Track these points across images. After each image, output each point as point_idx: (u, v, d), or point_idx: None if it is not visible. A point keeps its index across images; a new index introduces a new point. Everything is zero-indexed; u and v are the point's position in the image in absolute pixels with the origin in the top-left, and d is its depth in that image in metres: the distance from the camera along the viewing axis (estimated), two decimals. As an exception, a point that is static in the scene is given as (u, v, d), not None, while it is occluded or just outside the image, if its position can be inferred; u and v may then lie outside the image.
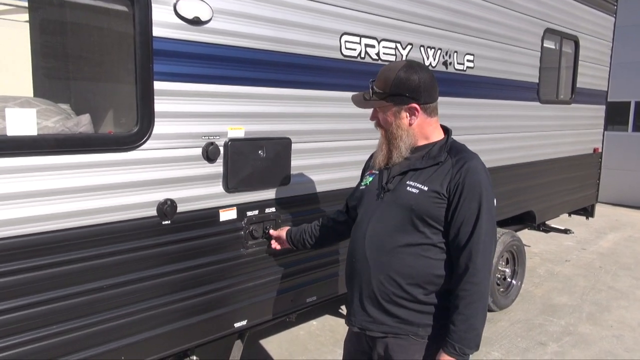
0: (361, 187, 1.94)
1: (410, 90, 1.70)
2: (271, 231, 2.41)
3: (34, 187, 1.70)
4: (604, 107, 5.62)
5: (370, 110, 1.86)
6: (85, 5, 2.41)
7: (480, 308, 1.65)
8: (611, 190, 9.19)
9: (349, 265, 1.88)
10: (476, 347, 1.66)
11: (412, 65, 1.74)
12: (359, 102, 1.83)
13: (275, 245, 2.39)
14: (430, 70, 1.79)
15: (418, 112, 1.73)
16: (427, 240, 1.70)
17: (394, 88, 1.70)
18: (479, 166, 1.71)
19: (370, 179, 1.89)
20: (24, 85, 2.77)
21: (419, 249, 1.70)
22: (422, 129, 1.76)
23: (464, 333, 1.63)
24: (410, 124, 1.74)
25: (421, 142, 1.78)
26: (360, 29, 2.71)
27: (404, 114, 1.73)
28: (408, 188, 1.71)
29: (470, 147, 1.82)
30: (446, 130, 1.83)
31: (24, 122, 1.69)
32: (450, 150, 1.75)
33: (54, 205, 1.75)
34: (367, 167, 2.02)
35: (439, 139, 1.79)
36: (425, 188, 1.69)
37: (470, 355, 1.67)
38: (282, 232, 2.35)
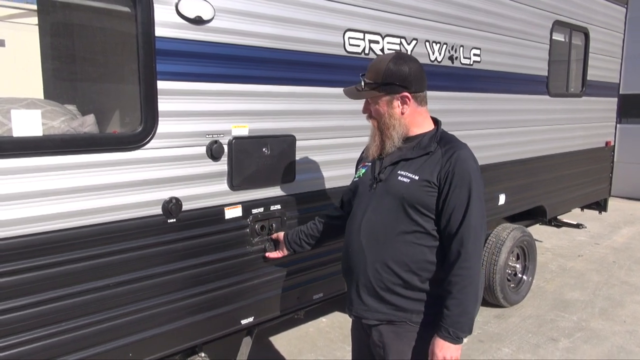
0: (354, 179, 1.99)
1: (401, 79, 1.75)
2: (273, 235, 2.42)
3: (41, 187, 1.72)
4: (616, 99, 5.54)
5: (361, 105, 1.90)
6: (90, 7, 2.44)
7: (473, 292, 1.70)
8: (626, 184, 9.04)
9: (345, 256, 1.94)
10: (469, 331, 1.71)
11: (402, 56, 1.80)
12: (351, 94, 1.87)
13: (273, 254, 2.40)
14: (418, 60, 1.83)
15: (409, 100, 1.78)
16: (419, 228, 1.75)
17: (386, 78, 1.75)
18: (468, 155, 1.76)
19: (363, 170, 1.94)
20: (35, 87, 2.82)
21: (412, 237, 1.76)
22: (413, 118, 1.81)
23: (457, 317, 1.68)
24: (402, 113, 1.79)
25: (412, 132, 1.82)
26: (364, 25, 2.70)
27: (396, 103, 1.78)
28: (399, 178, 1.76)
29: (479, 142, 1.86)
30: (436, 121, 1.88)
31: (29, 123, 1.71)
32: (440, 140, 1.80)
33: (60, 204, 1.77)
34: (361, 160, 2.06)
35: (429, 129, 1.84)
36: (417, 177, 1.74)
37: (465, 339, 1.72)
38: (280, 235, 2.36)
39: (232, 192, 2.26)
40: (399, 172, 1.77)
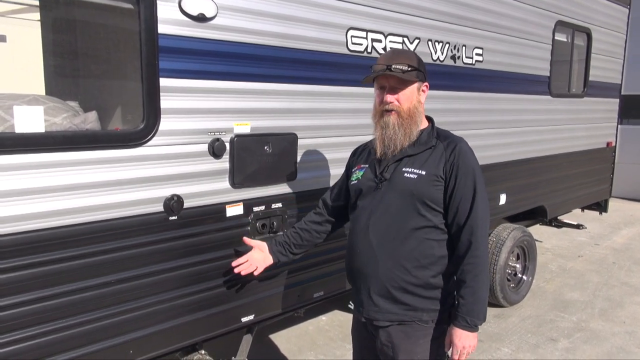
0: (352, 183, 1.96)
1: (424, 69, 1.83)
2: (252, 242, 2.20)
3: (43, 184, 1.72)
4: (617, 100, 5.53)
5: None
6: (93, 3, 2.43)
7: (485, 279, 1.75)
8: (627, 184, 9.03)
9: (351, 258, 1.92)
10: (484, 318, 1.75)
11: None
12: (399, 75, 1.75)
13: (258, 269, 2.16)
14: None
15: (427, 89, 1.85)
16: (428, 222, 1.78)
17: (419, 64, 1.80)
18: (468, 148, 1.82)
19: (362, 172, 1.93)
20: (37, 83, 2.82)
21: (422, 232, 1.78)
22: (423, 110, 1.87)
23: (472, 305, 1.72)
24: (422, 102, 1.85)
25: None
26: (367, 24, 2.70)
27: (421, 91, 1.84)
28: (406, 174, 1.78)
29: (481, 142, 1.89)
30: (429, 119, 1.92)
31: (32, 120, 1.71)
32: (439, 135, 1.85)
33: (62, 201, 1.77)
34: (353, 164, 2.04)
35: (425, 125, 1.88)
36: (424, 172, 1.76)
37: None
38: (263, 246, 2.17)
39: (233, 190, 2.26)
40: (404, 169, 1.79)
